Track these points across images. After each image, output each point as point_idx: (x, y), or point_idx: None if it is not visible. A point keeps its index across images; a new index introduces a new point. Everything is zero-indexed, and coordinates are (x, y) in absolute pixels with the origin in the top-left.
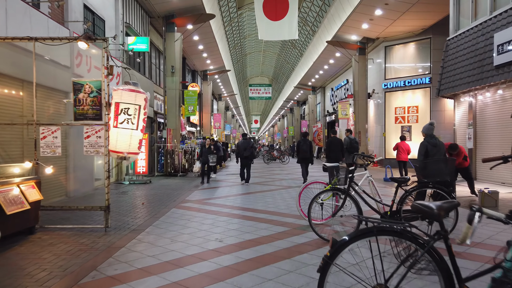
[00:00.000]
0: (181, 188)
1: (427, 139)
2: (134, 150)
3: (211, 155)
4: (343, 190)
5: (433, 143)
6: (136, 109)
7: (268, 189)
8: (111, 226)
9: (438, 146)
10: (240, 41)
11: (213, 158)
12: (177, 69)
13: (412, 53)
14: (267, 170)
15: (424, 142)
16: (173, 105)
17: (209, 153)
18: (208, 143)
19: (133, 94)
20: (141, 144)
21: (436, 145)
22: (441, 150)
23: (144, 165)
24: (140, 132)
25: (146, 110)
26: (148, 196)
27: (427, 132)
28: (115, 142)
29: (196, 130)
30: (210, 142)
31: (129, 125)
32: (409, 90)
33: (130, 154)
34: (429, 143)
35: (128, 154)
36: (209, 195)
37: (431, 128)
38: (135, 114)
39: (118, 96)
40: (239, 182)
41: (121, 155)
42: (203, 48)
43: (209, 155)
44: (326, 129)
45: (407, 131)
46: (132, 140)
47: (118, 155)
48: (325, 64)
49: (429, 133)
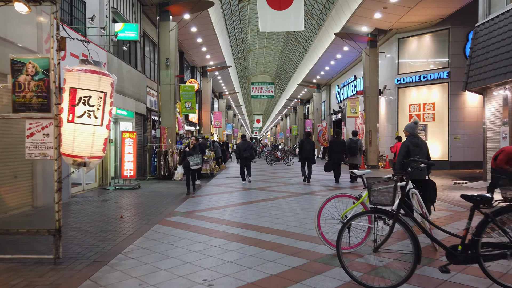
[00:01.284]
0: (172, 195)
1: (410, 139)
2: (98, 153)
3: (194, 155)
4: (390, 213)
5: (415, 142)
6: (101, 98)
7: (273, 197)
8: (63, 256)
9: (420, 146)
10: (241, 37)
11: (196, 159)
12: (172, 62)
13: (428, 46)
14: (270, 172)
15: (406, 141)
16: (167, 101)
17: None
18: (193, 142)
19: (96, 78)
20: (106, 144)
21: (418, 144)
22: (423, 150)
23: (131, 168)
24: (105, 129)
25: (112, 99)
26: (131, 206)
27: (411, 131)
28: (72, 142)
29: (196, 129)
30: (194, 142)
31: (91, 120)
32: (425, 86)
33: (92, 159)
34: (411, 142)
35: (90, 158)
36: (204, 205)
37: (415, 127)
38: (99, 104)
39: (74, 79)
40: (240, 187)
41: (79, 160)
42: (202, 41)
43: (189, 156)
44: (331, 128)
45: (423, 130)
46: (95, 140)
47: (76, 161)
48: (331, 59)
49: (413, 132)
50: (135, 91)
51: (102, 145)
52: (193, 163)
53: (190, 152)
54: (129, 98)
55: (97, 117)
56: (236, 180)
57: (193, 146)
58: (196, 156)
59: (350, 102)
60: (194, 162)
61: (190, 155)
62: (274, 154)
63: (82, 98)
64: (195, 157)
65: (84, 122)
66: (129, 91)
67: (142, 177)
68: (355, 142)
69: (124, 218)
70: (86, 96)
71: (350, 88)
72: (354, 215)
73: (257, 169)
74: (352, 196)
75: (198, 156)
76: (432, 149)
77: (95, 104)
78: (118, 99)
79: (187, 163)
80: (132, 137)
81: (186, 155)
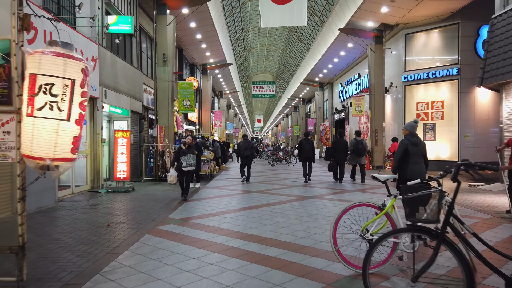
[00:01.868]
0: (167, 198)
1: (409, 137)
2: (64, 154)
3: (187, 155)
4: (433, 232)
5: (414, 141)
6: (67, 87)
7: (276, 201)
8: (29, 278)
9: (419, 145)
10: (242, 35)
11: (189, 160)
12: (170, 58)
13: (436, 42)
14: (272, 173)
15: (405, 140)
16: (165, 99)
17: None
18: (189, 141)
19: (61, 61)
20: (77, 144)
21: (417, 144)
22: (421, 149)
23: (125, 169)
24: (74, 124)
25: (86, 88)
26: (122, 212)
27: (411, 130)
28: (30, 140)
29: (195, 129)
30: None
31: (54, 113)
32: (433, 83)
33: (57, 161)
34: (410, 141)
35: (53, 161)
36: (201, 211)
37: (415, 126)
38: (64, 94)
39: (34, 63)
40: (241, 189)
41: (41, 163)
42: (202, 37)
43: (183, 156)
44: (334, 127)
45: (431, 129)
46: (59, 138)
47: (38, 163)
48: (335, 56)
49: (412, 131)
50: (131, 88)
51: (69, 144)
52: (186, 164)
53: (184, 151)
54: (124, 95)
55: (61, 109)
56: (237, 181)
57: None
58: (190, 157)
59: (355, 100)
60: (187, 163)
61: (184, 155)
62: (275, 154)
63: (43, 86)
64: (189, 158)
65: (45, 115)
66: (124, 88)
67: (138, 178)
68: (360, 142)
69: (112, 227)
70: (48, 84)
71: (354, 86)
72: (387, 233)
73: (258, 170)
74: (374, 206)
75: (191, 156)
76: (441, 149)
77: (59, 93)
78: (111, 96)
79: (180, 165)
80: (125, 136)
81: (180, 155)
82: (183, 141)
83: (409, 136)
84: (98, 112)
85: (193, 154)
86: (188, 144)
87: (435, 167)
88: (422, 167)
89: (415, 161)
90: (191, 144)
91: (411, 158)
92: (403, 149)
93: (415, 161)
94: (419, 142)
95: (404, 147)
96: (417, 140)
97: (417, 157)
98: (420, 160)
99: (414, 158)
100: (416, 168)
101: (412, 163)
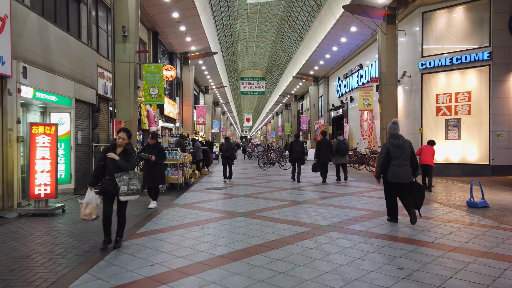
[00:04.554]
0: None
1: (390, 140)
2: None
3: (128, 174)
4: None
5: (396, 144)
6: None
7: (277, 237)
8: None
9: (402, 147)
10: (230, 23)
11: (132, 182)
12: (132, 32)
13: (461, 21)
14: (264, 180)
15: (386, 143)
16: (125, 86)
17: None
18: (152, 142)
19: None
20: None
21: (399, 145)
22: (406, 151)
23: (48, 181)
24: None
25: None
26: (11, 262)
27: (391, 132)
28: None
29: (175, 126)
30: (152, 140)
31: None
32: (457, 71)
33: None
34: (392, 144)
35: None
36: (145, 263)
37: (394, 127)
38: None
39: None
40: (221, 209)
41: None
42: (180, 17)
43: (121, 175)
44: (330, 126)
45: (455, 126)
46: None
47: None
48: (334, 44)
49: (392, 132)
50: (76, 69)
51: None
52: (125, 190)
53: (109, 162)
54: (63, 77)
55: None
56: (219, 193)
57: (147, 146)
58: (133, 176)
59: (363, 92)
60: (128, 189)
61: (114, 169)
62: (267, 155)
63: None
64: (131, 178)
65: None
66: (64, 69)
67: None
68: (343, 142)
69: None
70: None
71: (355, 79)
72: None
73: (247, 174)
74: None
75: (135, 176)
76: (467, 150)
77: None
78: (39, 77)
79: (109, 187)
80: (49, 132)
81: (107, 166)
82: (114, 138)
83: (390, 138)
84: (9, 97)
85: (133, 168)
86: (149, 146)
87: (460, 172)
88: (406, 169)
89: (398, 164)
90: (149, 145)
91: (393, 161)
92: (384, 153)
93: (397, 164)
94: (402, 144)
95: (385, 151)
96: (399, 142)
97: (400, 159)
98: (404, 162)
99: (396, 160)
100: (398, 170)
101: (394, 166)
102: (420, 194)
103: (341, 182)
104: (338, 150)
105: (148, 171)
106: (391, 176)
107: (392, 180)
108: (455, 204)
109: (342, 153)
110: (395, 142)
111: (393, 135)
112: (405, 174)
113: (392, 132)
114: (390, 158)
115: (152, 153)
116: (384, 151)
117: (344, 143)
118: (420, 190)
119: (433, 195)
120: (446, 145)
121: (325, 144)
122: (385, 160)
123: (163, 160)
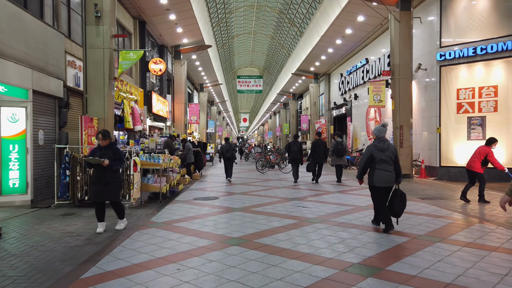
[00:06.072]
0: (68, 259)
1: (375, 142)
2: None
3: None
4: None
5: (381, 147)
6: None
7: (281, 274)
8: None
9: (387, 151)
10: (225, 16)
11: None
12: (107, 12)
13: (485, 6)
14: (263, 186)
15: (371, 145)
16: (98, 76)
17: None
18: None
19: None
20: None
21: (383, 149)
22: (391, 155)
23: None
24: None
25: None
26: None
27: (377, 135)
28: None
29: (166, 126)
30: (103, 141)
31: None
32: (481, 62)
33: None
34: (376, 147)
35: None
36: None
37: (383, 130)
38: None
39: None
40: (211, 230)
41: None
42: (169, 3)
43: None
44: (332, 125)
45: (478, 124)
46: None
47: None
48: (338, 37)
49: (379, 135)
50: (35, 54)
51: None
52: None
53: None
54: (14, 62)
55: None
56: (209, 205)
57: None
58: None
59: (373, 87)
60: None
61: None
62: (265, 157)
63: None
64: None
65: None
66: (17, 52)
67: (44, 203)
68: (340, 143)
69: None
70: None
71: (360, 75)
72: None
73: (244, 179)
74: None
75: None
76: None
77: None
78: None
79: None
80: None
81: None
82: None
83: (376, 141)
84: None
85: None
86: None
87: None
88: (390, 174)
89: (383, 168)
90: (102, 147)
91: (377, 165)
92: (367, 155)
93: (382, 168)
94: (386, 148)
95: (369, 153)
96: (383, 146)
97: (385, 163)
98: (389, 167)
99: (381, 164)
100: (383, 174)
101: (379, 170)
102: (402, 201)
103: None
104: (335, 151)
105: (98, 181)
106: (376, 179)
107: (377, 183)
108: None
109: (340, 154)
110: (380, 146)
111: (379, 138)
112: (389, 179)
113: (380, 134)
114: (374, 161)
115: (105, 157)
116: (367, 153)
117: (342, 145)
118: (402, 196)
119: (479, 208)
120: (468, 146)
121: (319, 144)
122: (367, 162)
123: (119, 166)
